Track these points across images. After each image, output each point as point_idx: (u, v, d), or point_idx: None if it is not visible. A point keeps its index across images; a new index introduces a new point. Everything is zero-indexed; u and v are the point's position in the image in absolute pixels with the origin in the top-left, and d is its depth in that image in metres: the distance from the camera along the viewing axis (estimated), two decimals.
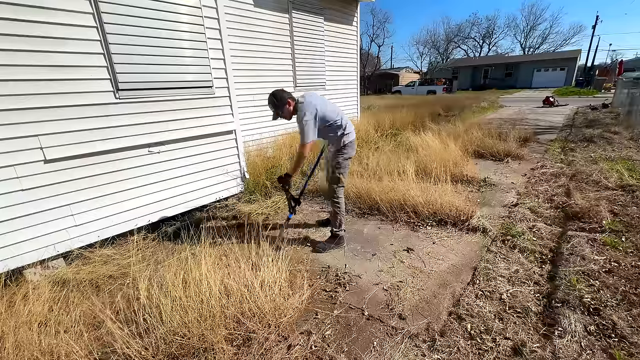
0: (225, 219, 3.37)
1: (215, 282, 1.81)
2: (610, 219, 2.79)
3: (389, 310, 1.94)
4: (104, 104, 2.61)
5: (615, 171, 3.90)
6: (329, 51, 6.34)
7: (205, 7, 3.13)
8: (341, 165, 2.56)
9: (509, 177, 4.30)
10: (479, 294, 2.00)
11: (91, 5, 2.43)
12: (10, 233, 2.27)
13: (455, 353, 1.59)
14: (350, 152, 2.58)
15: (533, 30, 44.34)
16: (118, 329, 1.60)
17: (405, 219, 3.13)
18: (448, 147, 4.67)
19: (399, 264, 2.42)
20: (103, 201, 2.71)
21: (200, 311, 1.67)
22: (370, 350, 1.66)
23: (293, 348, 1.67)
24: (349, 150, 2.56)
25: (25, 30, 2.17)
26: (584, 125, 7.86)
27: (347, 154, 2.56)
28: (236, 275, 1.93)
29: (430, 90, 24.80)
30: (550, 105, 12.86)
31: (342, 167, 2.56)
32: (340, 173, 2.57)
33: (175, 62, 2.98)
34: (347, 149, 2.55)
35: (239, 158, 3.76)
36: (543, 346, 1.59)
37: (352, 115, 7.43)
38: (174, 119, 3.06)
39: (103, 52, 2.54)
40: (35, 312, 1.83)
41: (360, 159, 4.57)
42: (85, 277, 2.33)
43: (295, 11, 5.39)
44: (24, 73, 2.21)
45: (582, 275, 2.10)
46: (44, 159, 2.36)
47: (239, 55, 4.55)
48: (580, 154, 5.04)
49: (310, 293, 2.08)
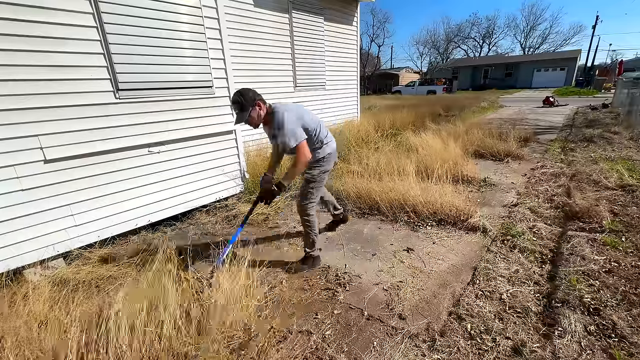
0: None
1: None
2: (610, 219, 2.79)
3: (389, 310, 1.94)
4: (104, 104, 2.61)
5: (615, 171, 3.90)
6: (329, 51, 6.34)
7: (205, 7, 3.13)
8: (316, 179, 2.24)
9: (509, 177, 4.30)
10: (479, 294, 2.00)
11: (91, 5, 2.44)
12: (11, 233, 2.27)
13: (455, 353, 1.59)
14: (328, 165, 2.27)
15: (533, 30, 44.40)
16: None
17: (405, 219, 3.13)
18: (448, 147, 4.67)
19: (399, 264, 2.42)
20: (103, 201, 2.72)
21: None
22: (370, 350, 1.66)
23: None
24: (327, 163, 2.26)
25: (25, 30, 2.17)
26: (584, 125, 7.86)
27: (324, 167, 2.26)
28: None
29: (430, 90, 24.80)
30: (550, 105, 12.86)
31: (317, 181, 2.25)
32: (312, 187, 2.25)
33: (175, 62, 2.98)
34: (326, 161, 2.25)
35: (239, 158, 3.76)
36: (543, 346, 1.59)
37: (352, 115, 7.44)
38: (174, 119, 3.07)
39: (103, 52, 2.54)
40: (36, 312, 1.83)
41: (360, 159, 4.57)
42: (85, 277, 2.33)
43: (295, 11, 5.39)
44: (24, 73, 2.21)
45: (582, 275, 2.10)
46: (44, 159, 2.36)
47: (239, 55, 4.55)
48: (580, 154, 5.03)
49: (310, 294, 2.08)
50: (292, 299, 2.07)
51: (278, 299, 2.06)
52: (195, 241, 2.89)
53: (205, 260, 2.47)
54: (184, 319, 1.66)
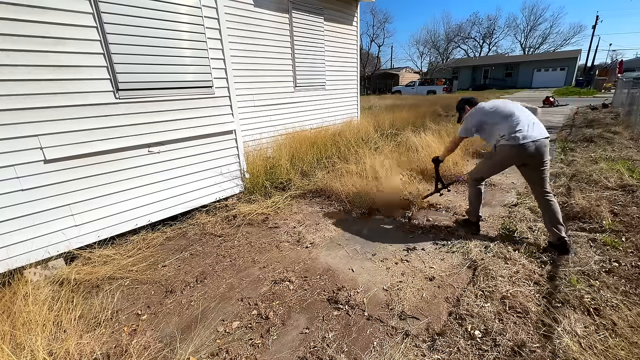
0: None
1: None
2: (610, 219, 2.79)
3: (389, 310, 1.94)
4: (104, 104, 2.61)
5: (615, 171, 3.90)
6: (329, 51, 6.34)
7: (205, 7, 3.13)
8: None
9: (509, 177, 4.29)
10: (479, 294, 2.00)
11: (91, 5, 2.44)
12: (11, 233, 2.27)
13: (455, 353, 1.59)
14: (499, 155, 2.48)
15: (533, 30, 44.38)
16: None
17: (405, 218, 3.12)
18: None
19: (399, 264, 2.42)
20: (103, 201, 2.71)
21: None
22: (370, 350, 1.66)
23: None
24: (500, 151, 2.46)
25: (25, 30, 2.17)
26: (584, 125, 7.85)
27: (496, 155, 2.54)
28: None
29: (430, 90, 24.80)
30: (550, 105, 12.86)
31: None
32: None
33: (175, 62, 2.98)
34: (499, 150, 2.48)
35: (238, 158, 3.76)
36: (543, 346, 1.59)
37: (352, 115, 7.43)
38: (173, 119, 3.06)
39: (103, 52, 2.54)
40: (36, 312, 1.83)
41: (360, 159, 4.57)
42: (85, 277, 2.33)
43: (295, 11, 5.38)
44: (24, 73, 2.21)
45: (582, 275, 2.10)
46: (44, 159, 2.36)
47: (239, 55, 4.55)
48: (580, 154, 5.03)
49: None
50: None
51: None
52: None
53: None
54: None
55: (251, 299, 2.11)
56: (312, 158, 4.74)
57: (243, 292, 2.20)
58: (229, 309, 2.03)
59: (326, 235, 2.95)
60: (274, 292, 2.17)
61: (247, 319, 1.93)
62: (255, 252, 2.71)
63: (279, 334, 1.81)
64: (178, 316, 2.00)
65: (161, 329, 1.89)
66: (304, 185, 4.10)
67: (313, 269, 2.41)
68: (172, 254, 2.73)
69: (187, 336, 1.81)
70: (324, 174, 4.27)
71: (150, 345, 1.74)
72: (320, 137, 5.28)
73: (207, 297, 2.17)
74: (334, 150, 5.13)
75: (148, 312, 2.04)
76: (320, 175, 4.21)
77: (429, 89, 25.11)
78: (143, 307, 2.09)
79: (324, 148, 5.07)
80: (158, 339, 1.80)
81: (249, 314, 1.98)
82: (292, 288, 2.20)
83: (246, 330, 1.85)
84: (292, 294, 2.13)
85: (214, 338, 1.80)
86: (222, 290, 2.23)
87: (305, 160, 4.61)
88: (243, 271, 2.45)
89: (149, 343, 1.75)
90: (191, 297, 2.16)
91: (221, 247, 2.83)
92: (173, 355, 1.67)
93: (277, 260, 2.57)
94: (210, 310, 2.03)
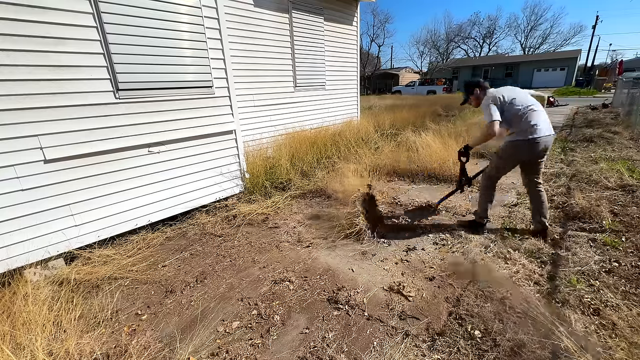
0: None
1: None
2: (610, 219, 2.79)
3: (389, 310, 1.94)
4: (104, 104, 2.61)
5: (615, 171, 3.90)
6: (329, 51, 6.34)
7: (205, 7, 3.13)
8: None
9: (509, 177, 4.28)
10: (479, 294, 2.00)
11: (91, 5, 2.44)
12: (11, 233, 2.27)
13: (455, 353, 1.59)
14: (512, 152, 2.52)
15: (534, 30, 44.32)
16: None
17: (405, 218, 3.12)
18: (448, 147, 4.66)
19: (399, 264, 2.42)
20: (103, 201, 2.71)
21: None
22: (370, 350, 1.66)
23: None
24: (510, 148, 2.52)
25: (25, 30, 2.17)
26: (584, 125, 7.85)
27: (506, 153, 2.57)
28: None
29: (430, 90, 24.79)
30: (550, 105, 12.84)
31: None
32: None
33: (175, 62, 2.98)
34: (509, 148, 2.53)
35: (238, 158, 3.76)
36: (543, 346, 1.59)
37: (352, 115, 7.43)
38: (173, 119, 3.06)
39: (103, 52, 2.54)
40: (35, 312, 1.83)
41: (360, 159, 4.57)
42: (85, 277, 2.33)
43: (295, 11, 5.38)
44: (24, 73, 2.21)
45: (582, 275, 2.10)
46: (44, 159, 2.36)
47: (239, 55, 4.55)
48: (580, 154, 5.03)
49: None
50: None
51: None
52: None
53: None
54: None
55: (251, 299, 2.11)
56: (312, 158, 4.74)
57: (243, 292, 2.20)
58: (229, 309, 2.03)
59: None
60: (274, 292, 2.17)
61: (247, 319, 1.93)
62: (255, 252, 2.71)
63: (279, 334, 1.81)
64: (178, 316, 2.00)
65: (161, 329, 1.89)
66: (304, 185, 4.10)
67: (313, 269, 2.41)
68: (172, 254, 2.73)
69: (187, 336, 1.82)
70: (324, 174, 4.27)
71: (150, 345, 1.74)
72: (320, 137, 5.29)
73: (207, 297, 2.17)
74: (334, 150, 5.14)
75: (148, 312, 2.04)
76: (320, 175, 4.21)
77: (429, 89, 25.10)
78: (143, 307, 2.09)
79: (324, 148, 5.07)
80: (158, 339, 1.80)
81: (249, 313, 1.98)
82: (292, 288, 2.20)
83: (246, 330, 1.85)
84: (292, 294, 2.13)
85: (213, 338, 1.80)
86: (222, 290, 2.23)
87: (305, 160, 4.61)
88: (243, 271, 2.45)
89: (148, 343, 1.75)
90: (191, 297, 2.16)
91: (221, 247, 2.83)
92: (173, 355, 1.67)
93: (277, 260, 2.57)
94: (210, 310, 2.03)
